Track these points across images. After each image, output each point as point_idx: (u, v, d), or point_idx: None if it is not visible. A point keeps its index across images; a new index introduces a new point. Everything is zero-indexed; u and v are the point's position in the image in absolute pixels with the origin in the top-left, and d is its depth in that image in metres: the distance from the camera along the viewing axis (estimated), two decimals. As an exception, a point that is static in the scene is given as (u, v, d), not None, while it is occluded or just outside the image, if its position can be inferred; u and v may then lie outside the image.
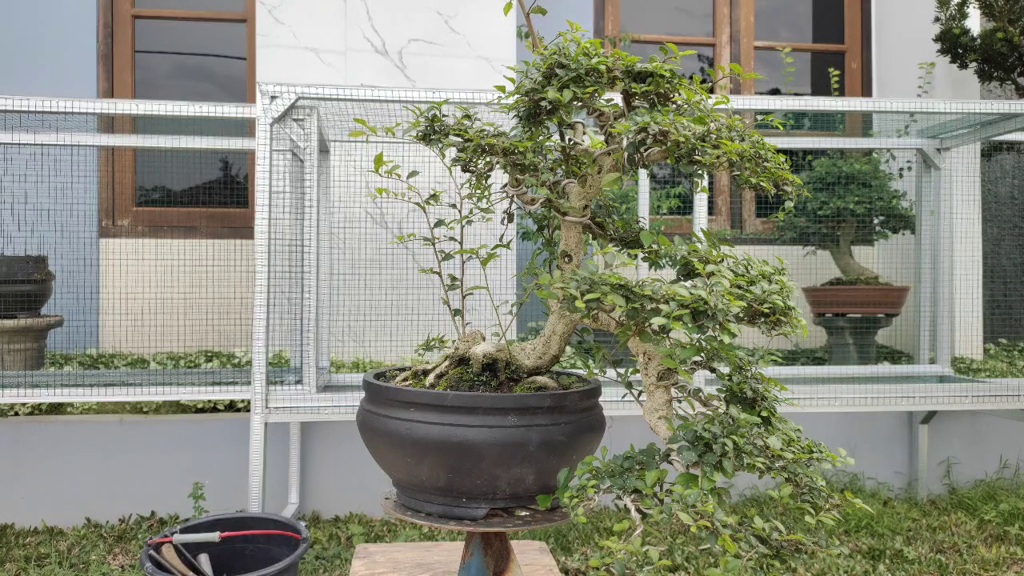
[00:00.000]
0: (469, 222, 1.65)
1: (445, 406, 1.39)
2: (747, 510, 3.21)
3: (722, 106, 1.55)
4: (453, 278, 1.67)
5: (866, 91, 5.00)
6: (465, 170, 1.49)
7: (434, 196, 1.68)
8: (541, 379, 1.53)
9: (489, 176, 1.52)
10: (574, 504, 1.20)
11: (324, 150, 3.21)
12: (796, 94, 5.03)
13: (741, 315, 1.25)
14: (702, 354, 1.24)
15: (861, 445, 3.50)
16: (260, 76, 3.66)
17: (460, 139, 1.46)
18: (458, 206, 1.67)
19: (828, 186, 3.97)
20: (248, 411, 3.18)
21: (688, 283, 1.24)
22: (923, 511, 3.23)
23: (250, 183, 4.35)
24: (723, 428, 1.16)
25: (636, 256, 1.50)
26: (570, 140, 1.45)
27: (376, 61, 3.74)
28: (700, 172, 1.33)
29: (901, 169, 4.23)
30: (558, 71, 1.37)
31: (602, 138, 1.45)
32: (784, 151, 3.82)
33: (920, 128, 3.60)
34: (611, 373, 2.71)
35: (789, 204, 4.03)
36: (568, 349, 3.66)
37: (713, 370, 1.35)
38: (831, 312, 3.92)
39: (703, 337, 1.22)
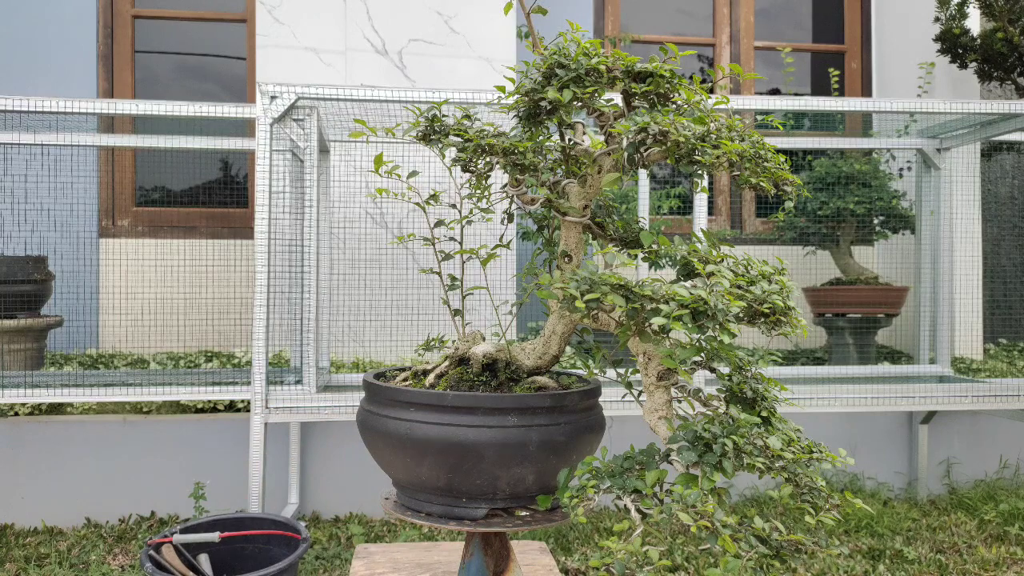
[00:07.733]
0: (469, 222, 1.65)
1: (445, 406, 1.39)
2: (747, 510, 3.21)
3: (722, 106, 1.55)
4: (453, 278, 1.67)
5: (866, 91, 5.00)
6: (465, 170, 1.49)
7: (434, 196, 1.68)
8: (541, 379, 1.53)
9: (489, 176, 1.52)
10: (574, 504, 1.20)
11: (324, 150, 3.21)
12: (796, 94, 5.03)
13: (741, 315, 1.25)
14: (702, 354, 1.24)
15: (861, 445, 3.50)
16: (260, 76, 3.66)
17: (460, 139, 1.46)
18: (458, 206, 1.67)
19: (828, 186, 3.97)
20: (248, 411, 3.17)
21: (688, 283, 1.24)
22: (923, 511, 3.22)
23: (250, 183, 4.35)
24: (723, 428, 1.16)
25: (636, 256, 1.50)
26: (570, 140, 1.45)
27: (376, 61, 3.74)
28: (700, 172, 1.33)
29: (901, 169, 4.23)
30: (558, 71, 1.37)
31: (602, 138, 1.45)
32: (784, 151, 3.82)
33: (920, 128, 3.60)
34: (611, 373, 2.71)
35: (789, 204, 4.03)
36: (568, 349, 3.66)
37: (713, 370, 1.34)
38: (831, 312, 3.92)
39: (703, 337, 1.22)
